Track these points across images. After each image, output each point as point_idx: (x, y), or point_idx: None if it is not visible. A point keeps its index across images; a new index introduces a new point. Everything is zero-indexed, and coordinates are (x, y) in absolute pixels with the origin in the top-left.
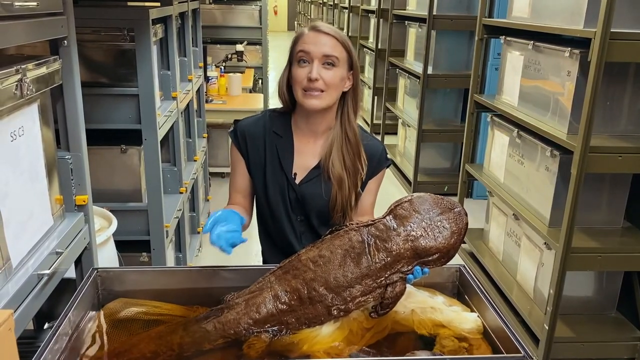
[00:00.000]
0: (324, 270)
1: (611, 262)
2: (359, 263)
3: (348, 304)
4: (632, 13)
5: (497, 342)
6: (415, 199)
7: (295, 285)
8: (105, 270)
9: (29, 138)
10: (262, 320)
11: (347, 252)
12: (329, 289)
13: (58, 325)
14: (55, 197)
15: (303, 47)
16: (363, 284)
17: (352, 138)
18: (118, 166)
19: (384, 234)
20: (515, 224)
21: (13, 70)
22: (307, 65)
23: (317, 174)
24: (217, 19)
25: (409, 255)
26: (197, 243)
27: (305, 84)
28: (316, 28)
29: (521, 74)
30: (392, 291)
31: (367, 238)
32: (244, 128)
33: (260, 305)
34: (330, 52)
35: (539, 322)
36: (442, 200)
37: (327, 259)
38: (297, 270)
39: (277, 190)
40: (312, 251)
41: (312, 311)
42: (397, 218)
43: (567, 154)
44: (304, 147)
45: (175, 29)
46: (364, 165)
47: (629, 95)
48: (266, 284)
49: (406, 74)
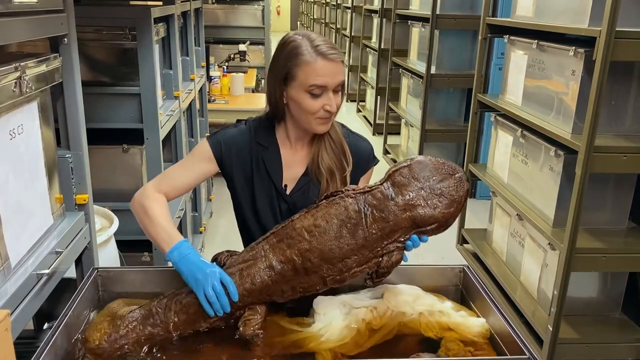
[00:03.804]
0: (319, 241)
1: (616, 263)
2: (355, 234)
3: (344, 274)
4: (637, 11)
5: (501, 344)
6: (414, 165)
7: (290, 256)
8: (106, 270)
9: (29, 136)
10: (257, 290)
11: (343, 223)
12: (325, 260)
13: (57, 325)
14: (55, 196)
15: (317, 82)
16: (359, 255)
17: (335, 135)
18: (120, 165)
19: (381, 203)
20: (519, 224)
21: (12, 67)
22: (320, 96)
23: (307, 180)
24: (220, 19)
25: (407, 225)
26: (199, 243)
27: (321, 114)
28: (326, 56)
29: (525, 73)
30: (389, 260)
31: (364, 207)
32: (230, 140)
33: (254, 275)
34: (342, 79)
35: (542, 323)
36: (442, 166)
37: (323, 229)
38: (291, 240)
39: (266, 202)
40: (306, 219)
41: (307, 281)
42: (395, 185)
43: (572, 153)
44: (291, 157)
45: (177, 28)
46: (349, 161)
47: (634, 95)
48: (260, 252)
49: (409, 74)
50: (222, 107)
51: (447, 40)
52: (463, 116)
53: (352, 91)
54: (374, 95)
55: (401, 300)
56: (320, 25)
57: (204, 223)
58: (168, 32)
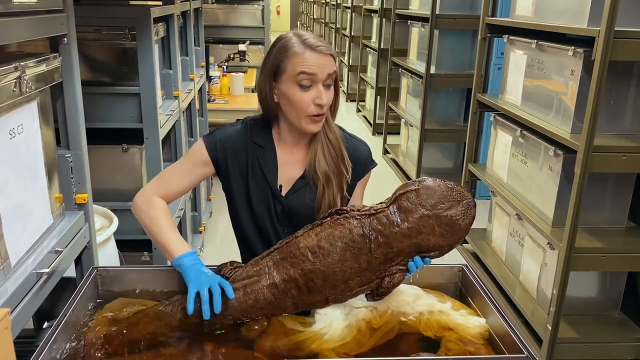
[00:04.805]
0: (322, 264)
1: (615, 263)
2: (359, 258)
3: (345, 294)
4: (636, 11)
5: (499, 343)
6: (422, 190)
7: (294, 275)
8: (106, 269)
9: (29, 136)
10: (260, 306)
11: (347, 246)
12: (327, 281)
13: (57, 324)
14: (55, 196)
15: (305, 69)
16: (362, 277)
17: (334, 139)
18: (119, 165)
19: (386, 228)
20: (519, 223)
21: (12, 67)
22: (309, 89)
23: (303, 184)
24: (220, 19)
25: (411, 251)
26: (199, 242)
27: (312, 110)
28: (315, 48)
29: (524, 73)
30: (390, 282)
31: (369, 232)
32: (225, 141)
33: (258, 292)
34: (332, 72)
35: (542, 322)
36: (450, 192)
37: (327, 251)
38: (295, 259)
39: (261, 203)
40: (310, 238)
41: (310, 299)
42: (402, 211)
43: (571, 153)
44: (287, 158)
45: (177, 28)
46: (348, 167)
47: (633, 94)
48: (264, 269)
49: (409, 74)
50: (221, 107)
51: (447, 40)
52: (462, 116)
53: (352, 91)
54: (374, 95)
55: (401, 300)
56: (320, 25)
57: (204, 223)
58: (168, 32)
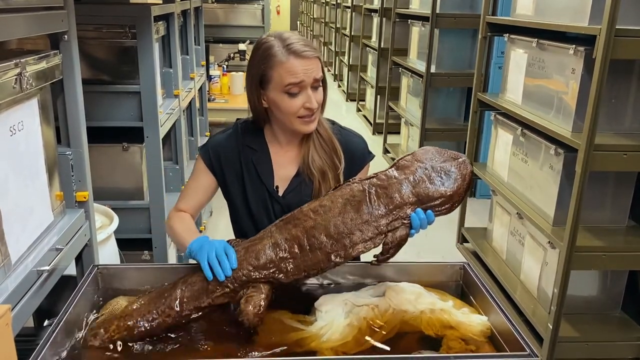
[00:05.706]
0: (324, 218)
1: (616, 261)
2: (359, 209)
3: (348, 250)
4: (637, 9)
5: (501, 340)
6: (418, 152)
7: (295, 234)
8: (106, 267)
9: (29, 133)
10: (261, 266)
11: (347, 201)
12: (329, 236)
13: (58, 322)
14: (55, 193)
15: (292, 80)
16: (363, 230)
17: (324, 133)
18: (120, 164)
19: (385, 182)
20: (519, 222)
21: (12, 64)
22: (298, 95)
23: (299, 181)
24: (220, 18)
25: (411, 201)
26: None
27: (302, 112)
28: (299, 54)
29: (525, 72)
30: (393, 236)
31: (368, 187)
32: (217, 147)
33: (259, 252)
34: (318, 75)
35: (542, 321)
36: (445, 151)
37: (328, 207)
38: (297, 220)
39: (259, 204)
40: (313, 203)
41: (312, 258)
42: (399, 168)
43: (572, 152)
44: (281, 158)
45: (177, 27)
46: (341, 158)
47: (634, 93)
48: (267, 233)
49: (409, 73)
50: (221, 106)
51: (447, 39)
52: (463, 115)
53: (352, 90)
54: (374, 95)
55: (403, 299)
56: (320, 24)
57: (204, 222)
58: (168, 31)
